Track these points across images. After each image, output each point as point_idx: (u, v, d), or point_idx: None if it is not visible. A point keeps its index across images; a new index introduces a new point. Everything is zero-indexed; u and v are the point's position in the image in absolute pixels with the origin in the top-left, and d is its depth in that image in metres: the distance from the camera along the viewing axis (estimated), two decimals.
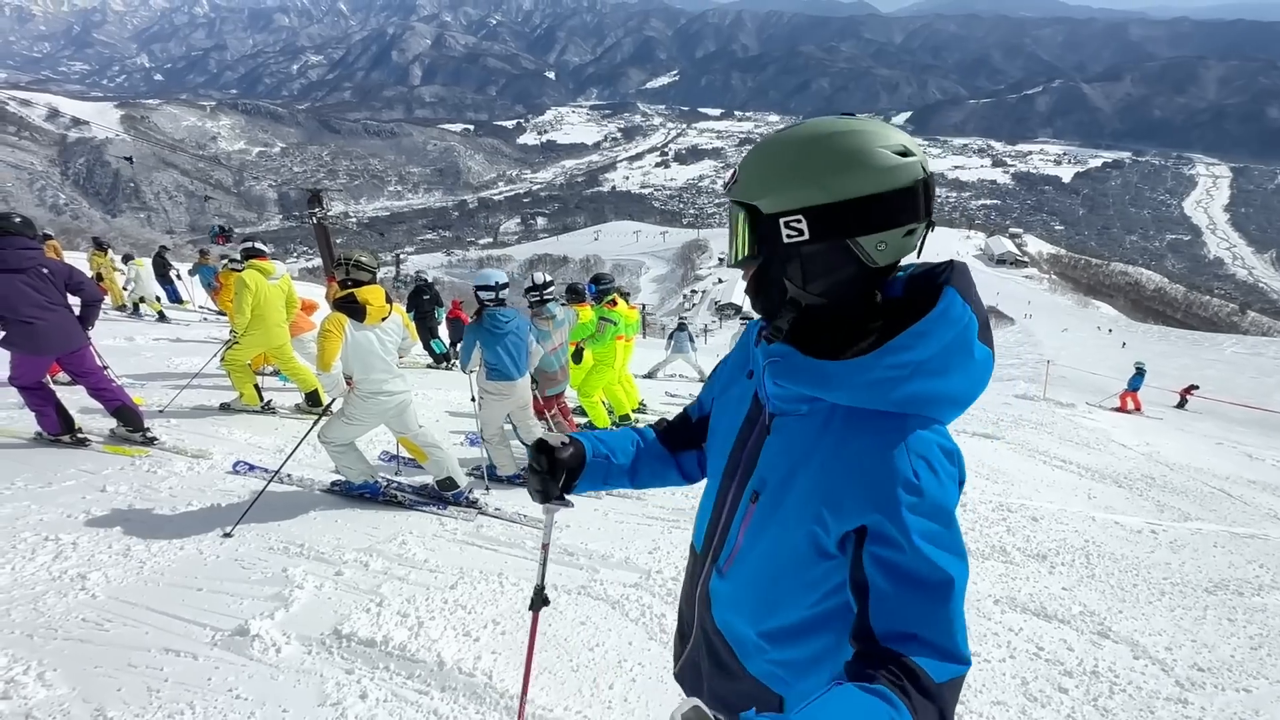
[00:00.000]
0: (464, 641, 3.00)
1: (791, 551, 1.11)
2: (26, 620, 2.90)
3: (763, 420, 1.19)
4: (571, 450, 1.38)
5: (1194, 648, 3.71)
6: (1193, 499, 6.97)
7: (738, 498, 1.22)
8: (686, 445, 1.50)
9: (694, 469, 1.50)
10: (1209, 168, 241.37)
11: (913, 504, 0.96)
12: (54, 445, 4.94)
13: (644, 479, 1.48)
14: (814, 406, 1.09)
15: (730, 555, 1.23)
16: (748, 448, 1.21)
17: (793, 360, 1.09)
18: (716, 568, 1.27)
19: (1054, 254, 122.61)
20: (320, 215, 19.82)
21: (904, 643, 0.92)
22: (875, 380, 1.01)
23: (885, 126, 1.03)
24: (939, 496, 0.98)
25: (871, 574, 0.97)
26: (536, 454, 1.36)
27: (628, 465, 1.45)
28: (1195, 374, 22.79)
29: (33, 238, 4.70)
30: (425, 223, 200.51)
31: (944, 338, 1.00)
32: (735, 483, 1.23)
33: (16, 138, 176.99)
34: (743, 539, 1.20)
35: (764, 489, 1.15)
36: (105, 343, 7.67)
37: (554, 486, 1.37)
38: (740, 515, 1.20)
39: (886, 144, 1.00)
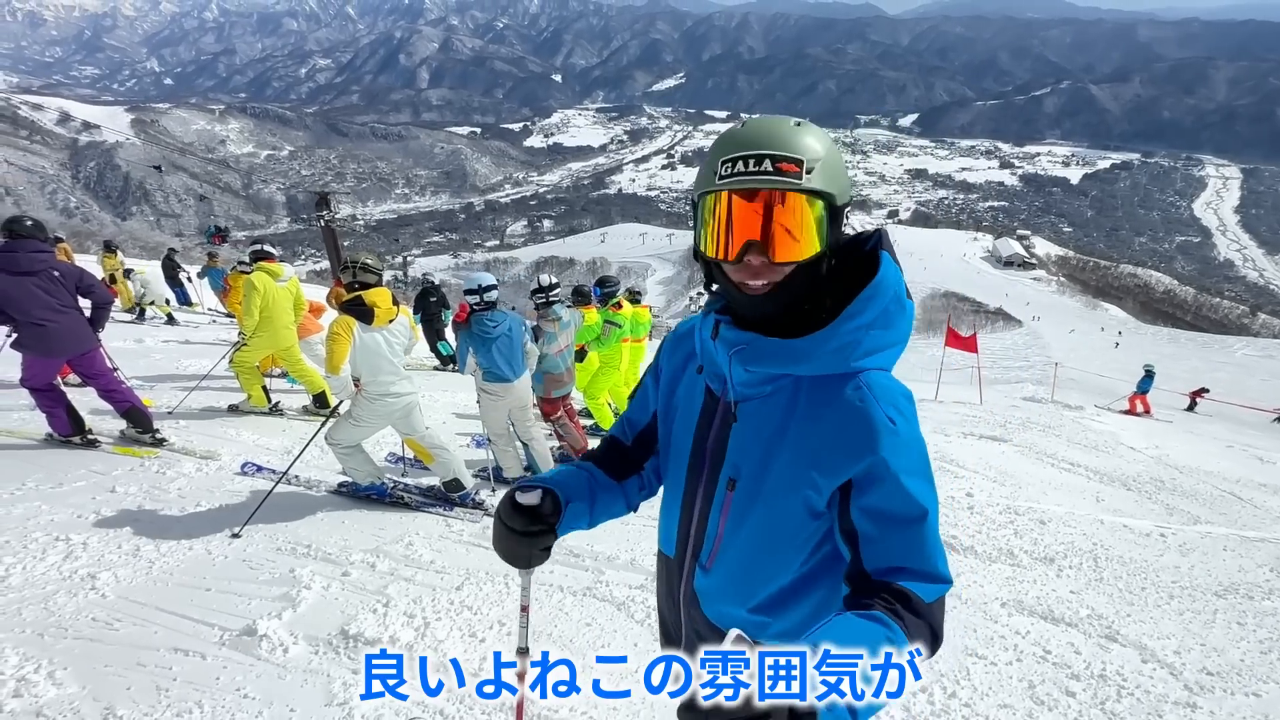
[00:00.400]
0: (470, 642, 3.01)
1: (783, 521, 1.16)
2: (37, 619, 2.93)
3: (722, 410, 1.22)
4: (549, 502, 1.26)
5: (1203, 651, 3.68)
6: (1202, 502, 6.93)
7: (710, 491, 1.24)
8: (628, 472, 1.47)
9: (635, 495, 1.47)
10: (1219, 169, 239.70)
11: (894, 445, 1.07)
12: (64, 446, 4.98)
13: (599, 514, 1.40)
14: (777, 385, 1.16)
15: (713, 550, 1.26)
16: (711, 440, 1.24)
17: (759, 345, 1.13)
18: (699, 565, 1.29)
19: (1062, 256, 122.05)
20: (328, 218, 19.94)
21: (894, 574, 1.04)
22: (838, 347, 1.10)
23: None
24: (912, 433, 1.11)
25: (860, 522, 1.08)
26: (517, 517, 1.23)
27: (588, 505, 1.37)
28: (1205, 376, 22.65)
29: (44, 241, 4.75)
30: (432, 225, 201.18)
31: (886, 297, 1.12)
32: (704, 478, 1.25)
33: (28, 142, 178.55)
34: (724, 529, 1.23)
35: (740, 474, 1.19)
36: (115, 345, 7.73)
37: (539, 552, 1.26)
38: (718, 507, 1.23)
39: None
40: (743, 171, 1.05)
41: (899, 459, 1.07)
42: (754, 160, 1.04)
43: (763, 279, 1.09)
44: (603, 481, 1.43)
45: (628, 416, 1.50)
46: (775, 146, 1.04)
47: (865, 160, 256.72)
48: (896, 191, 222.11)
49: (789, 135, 1.06)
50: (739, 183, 1.05)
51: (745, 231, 1.06)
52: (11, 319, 4.57)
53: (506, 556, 1.27)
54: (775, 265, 1.07)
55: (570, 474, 1.41)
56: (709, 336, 1.22)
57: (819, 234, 1.07)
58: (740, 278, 1.10)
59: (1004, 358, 33.65)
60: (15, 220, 4.71)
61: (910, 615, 0.98)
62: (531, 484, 1.29)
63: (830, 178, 1.07)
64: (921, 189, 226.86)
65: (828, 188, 1.07)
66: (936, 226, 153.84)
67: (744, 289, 1.11)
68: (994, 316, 63.09)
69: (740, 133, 1.09)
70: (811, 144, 1.06)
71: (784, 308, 1.12)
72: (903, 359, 1.17)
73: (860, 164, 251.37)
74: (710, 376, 1.25)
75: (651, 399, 1.45)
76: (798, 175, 1.04)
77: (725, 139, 1.10)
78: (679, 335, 1.42)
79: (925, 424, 9.35)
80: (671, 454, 1.36)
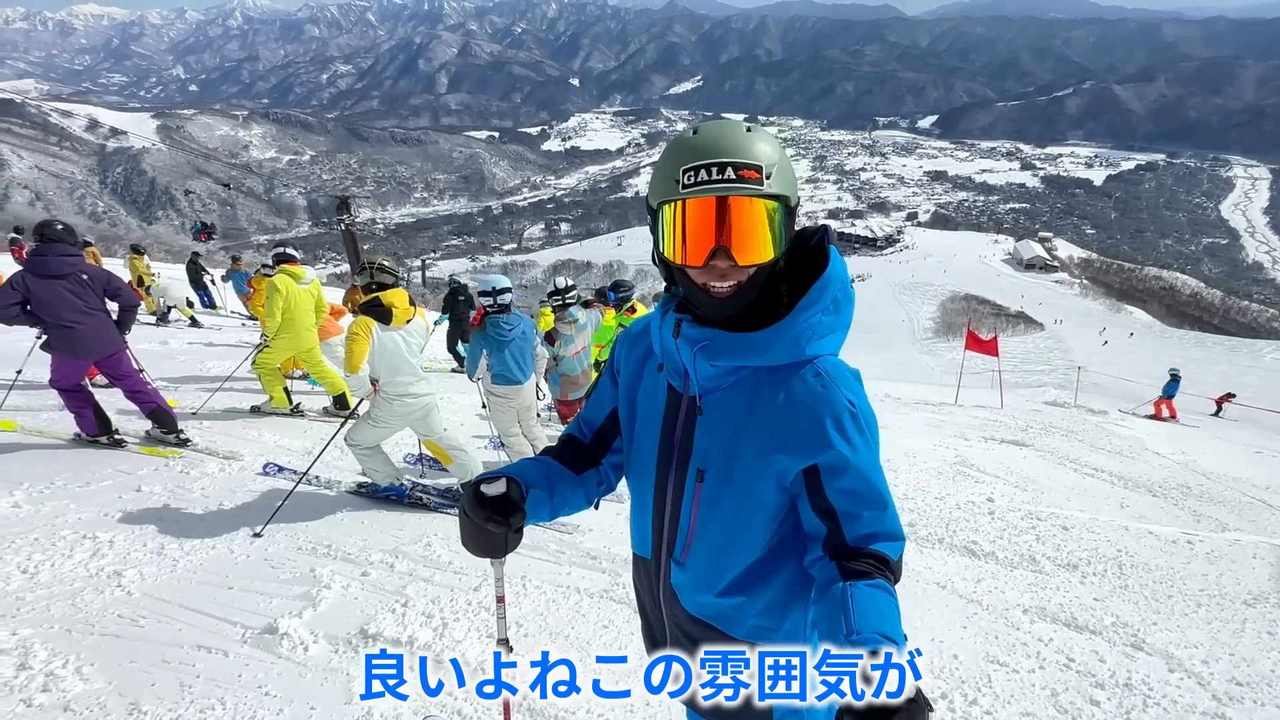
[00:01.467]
0: (488, 643, 3.02)
1: (751, 504, 1.24)
2: (65, 616, 2.99)
3: (685, 405, 1.28)
4: (515, 489, 1.30)
5: (1232, 661, 3.60)
6: (1230, 509, 6.78)
7: (680, 484, 1.29)
8: (586, 466, 1.50)
9: (594, 490, 1.50)
10: (1247, 169, 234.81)
11: (856, 424, 1.17)
12: (91, 446, 5.08)
13: (559, 504, 1.42)
14: (739, 376, 1.22)
15: (686, 543, 1.32)
16: (678, 435, 1.29)
17: (722, 340, 1.19)
18: (674, 561, 1.35)
19: (1085, 258, 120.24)
20: (348, 221, 20.14)
21: (870, 540, 1.16)
22: (794, 336, 1.17)
23: None
24: (868, 409, 1.21)
25: (836, 500, 1.17)
26: (485, 510, 1.24)
27: (548, 494, 1.38)
28: (1233, 381, 22.21)
29: (73, 244, 4.85)
30: (450, 228, 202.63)
31: (835, 287, 1.21)
32: (673, 472, 1.30)
33: (58, 148, 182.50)
34: (696, 520, 1.29)
35: (708, 465, 1.25)
36: (140, 347, 7.86)
37: (512, 536, 1.27)
38: (688, 498, 1.29)
39: None
40: (706, 180, 1.09)
41: (861, 436, 1.17)
42: (716, 168, 1.08)
43: (728, 281, 1.14)
44: (560, 472, 1.45)
45: (585, 415, 1.54)
46: (735, 154, 1.08)
47: (884, 162, 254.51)
48: (915, 194, 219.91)
49: (745, 142, 1.10)
50: (703, 191, 1.09)
51: (711, 238, 1.11)
52: (41, 321, 4.68)
53: (480, 549, 1.27)
54: (740, 267, 1.12)
55: (527, 465, 1.44)
56: (669, 336, 1.26)
57: (779, 235, 1.14)
58: (706, 280, 1.15)
59: (1025, 361, 33.23)
60: (46, 224, 4.83)
61: (889, 573, 1.12)
62: (490, 475, 1.31)
63: (786, 181, 1.13)
64: (941, 191, 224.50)
65: (784, 191, 1.12)
66: (956, 229, 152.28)
67: (709, 291, 1.15)
68: (1015, 319, 62.27)
69: (696, 141, 1.12)
70: (766, 150, 1.11)
71: (746, 306, 1.17)
72: (922, 363, 1.21)
73: (879, 166, 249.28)
74: (671, 374, 1.30)
75: (608, 398, 1.49)
76: (758, 181, 1.09)
77: (682, 147, 1.12)
78: (633, 335, 1.46)
79: (945, 428, 9.30)
80: (636, 454, 1.39)
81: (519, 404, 5.10)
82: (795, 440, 1.17)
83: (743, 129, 1.13)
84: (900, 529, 1.20)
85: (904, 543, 1.20)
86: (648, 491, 1.36)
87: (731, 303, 1.16)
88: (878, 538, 1.16)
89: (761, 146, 1.11)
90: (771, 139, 1.14)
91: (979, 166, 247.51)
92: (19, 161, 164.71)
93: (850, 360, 1.29)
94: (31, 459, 4.75)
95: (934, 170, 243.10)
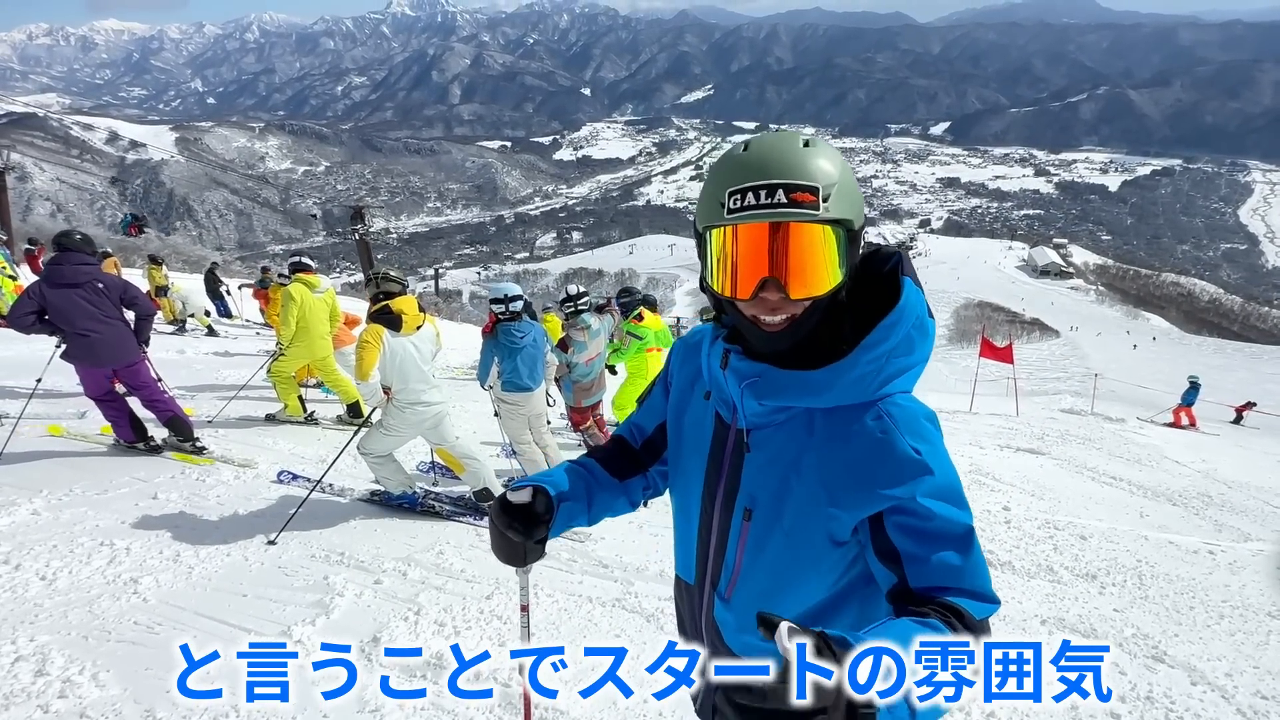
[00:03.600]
0: (500, 652, 3.01)
1: (804, 551, 1.12)
2: (82, 622, 3.01)
3: (733, 438, 1.17)
4: (541, 500, 1.26)
5: (1256, 675, 3.53)
6: (1253, 518, 6.67)
7: (726, 521, 1.19)
8: (633, 472, 1.44)
9: (639, 494, 1.45)
10: (1266, 174, 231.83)
11: (923, 480, 1.01)
12: (110, 453, 5.14)
13: (598, 512, 1.38)
14: (790, 413, 1.10)
15: (731, 580, 1.21)
16: (725, 468, 1.19)
17: (772, 377, 1.07)
18: (718, 595, 1.24)
19: (1101, 264, 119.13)
20: (362, 231, 20.36)
21: (942, 593, 0.97)
22: (858, 377, 1.04)
23: None
24: (939, 461, 1.03)
25: (900, 542, 1.01)
26: (506, 517, 1.23)
27: (585, 504, 1.35)
28: (1254, 388, 21.88)
29: (90, 254, 4.92)
30: (463, 238, 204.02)
31: (908, 323, 1.06)
32: (719, 507, 1.20)
33: (79, 160, 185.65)
34: (742, 559, 1.18)
35: (755, 505, 1.14)
36: (158, 355, 7.94)
37: (532, 546, 1.25)
38: (735, 537, 1.18)
39: None
40: (754, 205, 0.96)
41: (929, 493, 1.01)
42: (765, 191, 0.96)
43: (780, 315, 1.02)
44: (603, 479, 1.40)
45: (636, 421, 1.48)
46: (788, 174, 0.96)
47: (896, 169, 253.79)
48: (928, 200, 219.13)
49: (801, 159, 0.97)
50: (751, 217, 0.97)
51: (760, 268, 0.99)
52: (59, 330, 4.74)
53: (502, 556, 1.27)
54: (793, 300, 1.00)
55: (568, 472, 1.39)
56: (718, 366, 1.16)
57: (838, 264, 1.01)
58: (755, 313, 1.03)
59: (1041, 368, 32.90)
60: (65, 234, 4.91)
61: (965, 630, 0.92)
62: (524, 483, 1.28)
63: (848, 202, 1.00)
64: (954, 197, 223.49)
65: (846, 214, 0.99)
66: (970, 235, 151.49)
67: (759, 324, 1.04)
68: (1030, 326, 61.71)
69: (746, 158, 1.00)
70: (825, 167, 0.98)
71: (801, 342, 1.06)
72: (935, 370, 1.14)
73: (891, 173, 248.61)
74: (719, 403, 1.21)
75: (659, 408, 1.42)
76: (814, 205, 0.96)
77: (729, 166, 1.01)
78: (689, 347, 1.37)
79: (960, 436, 9.20)
80: (681, 478, 1.31)
81: (530, 411, 5.12)
82: (850, 490, 1.04)
83: (799, 143, 1.00)
84: (990, 589, 1.01)
85: (994, 607, 1.00)
86: (692, 518, 1.27)
87: (783, 338, 1.04)
88: (954, 591, 0.97)
89: (820, 163, 0.98)
90: (833, 154, 1.01)
91: (992, 173, 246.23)
92: (41, 174, 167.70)
93: None
94: (51, 466, 4.81)
95: (946, 177, 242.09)
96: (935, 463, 1.03)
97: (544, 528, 1.25)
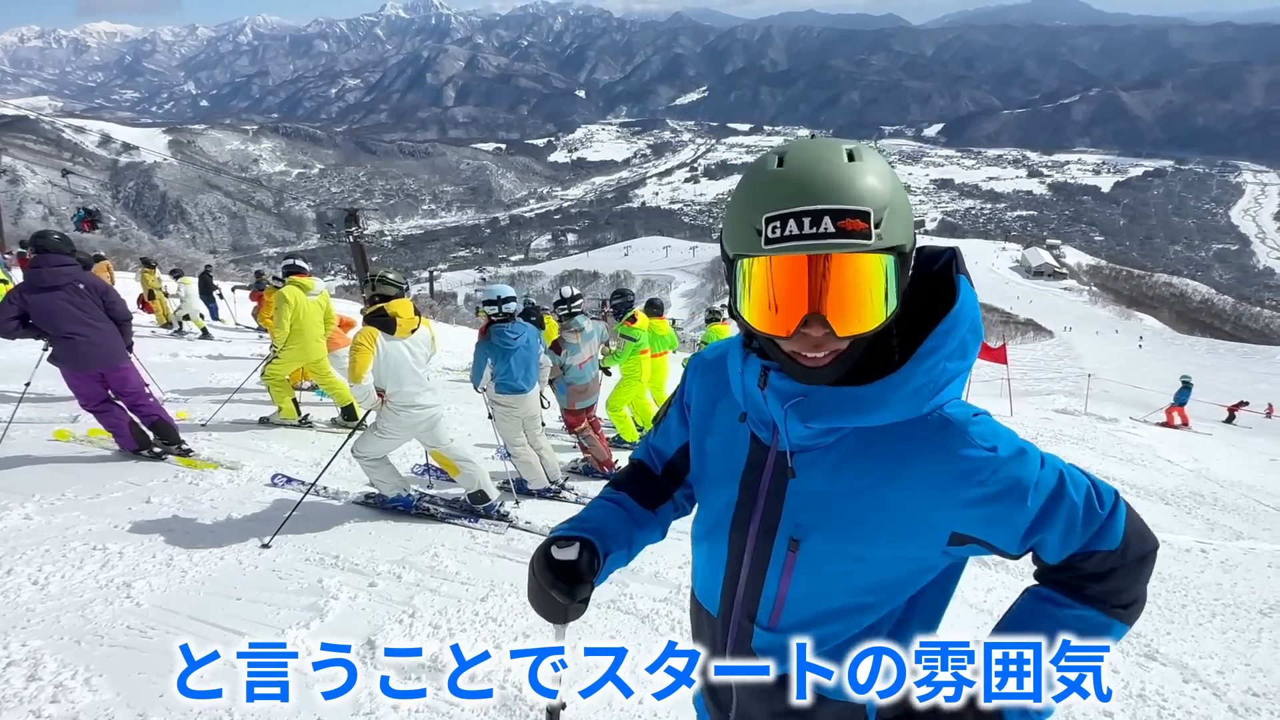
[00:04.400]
0: (495, 654, 3.01)
1: (871, 575, 1.04)
2: (75, 627, 3.00)
3: (773, 462, 1.07)
4: (587, 557, 1.15)
5: (1248, 672, 3.56)
6: (1245, 517, 6.71)
7: (765, 550, 1.08)
8: (661, 499, 1.35)
9: (669, 518, 1.37)
10: (1256, 175, 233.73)
11: (1007, 470, 0.95)
12: (103, 457, 5.12)
13: (636, 550, 1.30)
14: (840, 433, 1.00)
15: (774, 610, 1.11)
16: (763, 495, 1.08)
17: (821, 396, 0.96)
18: (758, 626, 1.13)
19: (1094, 265, 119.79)
20: (357, 234, 20.33)
21: (1075, 558, 1.00)
22: (914, 390, 0.94)
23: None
24: (1009, 444, 0.98)
25: (1016, 549, 1.00)
26: (551, 575, 1.11)
27: (627, 548, 1.27)
28: (1247, 388, 22.02)
29: (69, 254, 4.85)
30: (458, 240, 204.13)
31: (964, 327, 0.96)
32: (754, 535, 1.09)
33: (71, 163, 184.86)
34: (787, 589, 1.08)
35: (805, 535, 1.03)
36: (151, 359, 7.93)
37: (575, 606, 1.13)
38: (777, 566, 1.08)
39: None
40: (796, 234, 0.83)
41: (1019, 492, 0.96)
42: (810, 219, 0.83)
43: (823, 350, 0.90)
44: (640, 517, 1.32)
45: (654, 445, 1.39)
46: (834, 198, 0.83)
47: None
48: (922, 202, 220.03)
49: (848, 178, 0.84)
50: (794, 249, 0.84)
51: (803, 304, 0.87)
52: (45, 333, 4.70)
53: (541, 611, 1.15)
54: (839, 338, 0.89)
55: (610, 517, 1.29)
56: (754, 384, 1.04)
57: (892, 294, 0.89)
58: (796, 349, 0.91)
59: (1034, 369, 33.03)
60: (42, 235, 4.83)
61: (1087, 569, 1.00)
62: (569, 534, 1.17)
63: (901, 224, 0.87)
64: (948, 199, 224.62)
65: (900, 240, 0.87)
66: (964, 236, 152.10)
67: (799, 359, 0.93)
68: (1024, 327, 62.02)
69: (784, 176, 0.86)
70: (875, 187, 0.85)
71: (847, 371, 0.95)
72: None
73: None
74: (756, 424, 1.09)
75: (678, 431, 1.33)
76: (866, 233, 0.83)
77: (765, 185, 0.88)
78: (707, 365, 1.26)
79: None
80: (707, 504, 1.21)
81: (524, 413, 5.12)
82: (930, 510, 0.97)
83: (842, 155, 0.87)
84: (1106, 497, 1.01)
85: (1111, 497, 1.01)
86: (720, 549, 1.15)
87: (825, 374, 0.93)
88: (1089, 545, 0.99)
89: (869, 181, 0.85)
90: (882, 167, 0.88)
91: (985, 174, 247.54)
92: (33, 177, 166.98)
93: None
94: (43, 470, 4.79)
95: (940, 178, 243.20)
96: (1009, 451, 0.97)
97: (588, 588, 1.12)
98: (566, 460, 6.22)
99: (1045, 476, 0.98)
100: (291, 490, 4.82)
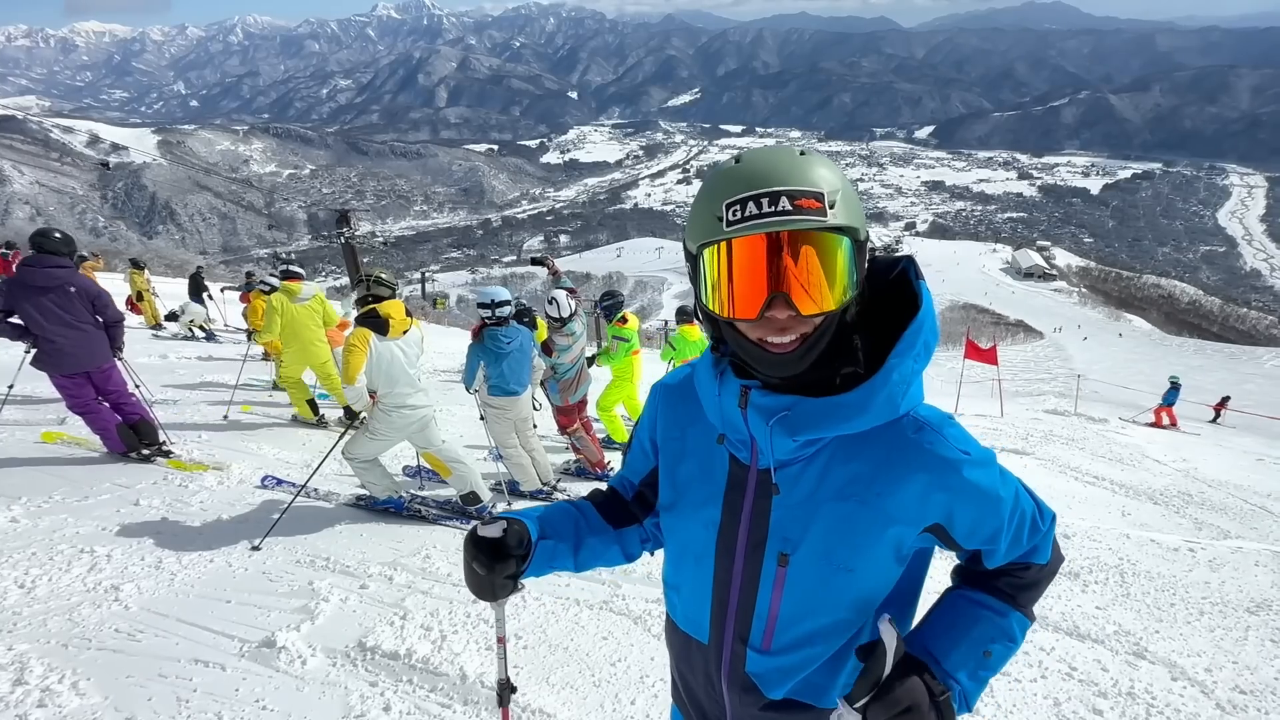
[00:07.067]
0: (486, 655, 3.01)
1: (863, 580, 1.09)
2: (62, 630, 2.97)
3: (754, 480, 1.09)
4: (515, 532, 1.20)
5: (1235, 670, 3.58)
6: (1232, 516, 6.77)
7: (754, 569, 1.11)
8: (627, 522, 1.36)
9: (635, 546, 1.37)
10: (1243, 178, 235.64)
11: (977, 474, 1.04)
12: (91, 460, 5.07)
13: (585, 559, 1.31)
14: (819, 444, 1.04)
15: (766, 630, 1.13)
16: (747, 515, 1.10)
17: (804, 410, 0.99)
18: (750, 649, 1.15)
19: (1083, 267, 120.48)
20: (348, 235, 20.24)
21: (1013, 568, 1.15)
22: (889, 394, 0.99)
23: None
24: (979, 451, 1.06)
25: (980, 545, 1.10)
26: (474, 549, 1.17)
27: (571, 546, 1.29)
28: (1234, 388, 22.22)
29: (68, 255, 4.81)
30: (450, 241, 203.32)
31: (927, 330, 1.01)
32: (742, 555, 1.12)
33: (59, 164, 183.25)
34: (779, 607, 1.11)
35: (793, 548, 1.07)
36: (140, 360, 7.88)
37: (502, 582, 1.18)
38: (767, 584, 1.10)
39: None
40: (756, 214, 0.88)
41: (987, 485, 1.04)
42: (767, 199, 0.88)
43: (789, 334, 0.94)
44: (595, 524, 1.33)
45: (624, 475, 1.41)
46: (790, 181, 0.89)
47: (882, 173, 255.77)
48: (913, 204, 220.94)
49: (800, 166, 0.91)
50: (754, 228, 0.89)
51: (765, 283, 0.91)
52: (29, 334, 4.66)
53: (472, 588, 1.21)
54: (803, 318, 0.92)
55: (558, 511, 1.32)
56: (733, 404, 1.06)
57: (849, 275, 0.93)
58: (762, 335, 0.95)
59: (1025, 370, 33.25)
60: (43, 234, 4.79)
61: (1016, 597, 1.15)
62: (506, 515, 1.22)
63: (852, 210, 0.93)
64: (939, 201, 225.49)
65: (852, 221, 0.92)
66: (954, 238, 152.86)
67: (766, 348, 0.96)
68: (1014, 328, 62.32)
69: (741, 169, 0.92)
70: (826, 174, 0.92)
71: (814, 363, 0.98)
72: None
73: (876, 176, 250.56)
74: (735, 445, 1.11)
75: (644, 460, 1.34)
76: (820, 211, 0.89)
77: (724, 178, 0.93)
78: (672, 390, 1.27)
79: None
80: (684, 532, 1.21)
81: (516, 415, 5.12)
82: (908, 507, 1.02)
83: (795, 152, 0.94)
84: (1045, 513, 1.16)
85: (1047, 520, 1.16)
86: (706, 573, 1.17)
87: (794, 361, 0.96)
88: (1020, 565, 1.14)
89: (820, 171, 0.91)
90: (830, 164, 0.94)
91: (976, 176, 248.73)
92: (20, 177, 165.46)
93: None
94: (30, 472, 4.74)
95: (931, 180, 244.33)
96: (976, 452, 1.04)
97: (514, 563, 1.18)
98: (559, 462, 6.21)
99: (1007, 485, 1.08)
100: (282, 492, 4.80)
